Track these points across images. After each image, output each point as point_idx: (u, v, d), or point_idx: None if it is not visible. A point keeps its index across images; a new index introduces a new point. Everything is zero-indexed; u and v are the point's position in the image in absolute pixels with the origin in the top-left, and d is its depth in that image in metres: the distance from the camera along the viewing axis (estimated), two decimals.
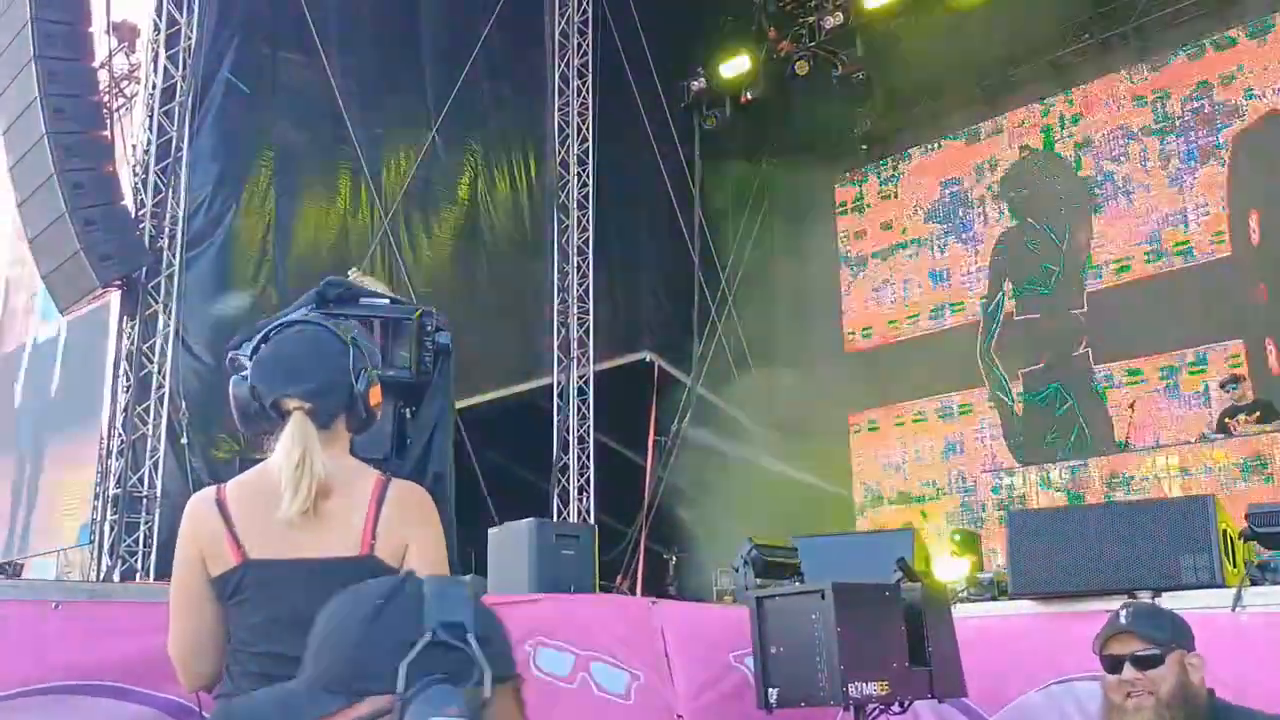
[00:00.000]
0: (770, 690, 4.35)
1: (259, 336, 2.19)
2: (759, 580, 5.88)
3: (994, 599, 5.50)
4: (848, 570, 4.76)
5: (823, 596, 4.37)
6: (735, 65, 12.07)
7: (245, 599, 2.05)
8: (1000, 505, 10.19)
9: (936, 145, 12.18)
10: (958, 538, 10.06)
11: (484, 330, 9.50)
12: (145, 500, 8.12)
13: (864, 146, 12.61)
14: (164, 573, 7.59)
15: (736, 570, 6.40)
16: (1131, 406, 9.42)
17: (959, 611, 4.94)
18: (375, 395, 2.22)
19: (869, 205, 12.72)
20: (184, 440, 8.39)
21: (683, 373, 11.57)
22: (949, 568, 7.14)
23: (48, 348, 11.37)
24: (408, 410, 2.79)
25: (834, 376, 11.85)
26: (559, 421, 10.68)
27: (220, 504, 2.08)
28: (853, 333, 12.57)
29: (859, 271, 12.66)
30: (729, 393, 11.66)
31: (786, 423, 11.78)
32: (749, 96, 12.12)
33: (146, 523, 8.08)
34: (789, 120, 12.26)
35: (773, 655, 4.42)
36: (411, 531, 2.12)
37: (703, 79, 12.25)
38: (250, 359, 2.14)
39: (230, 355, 2.38)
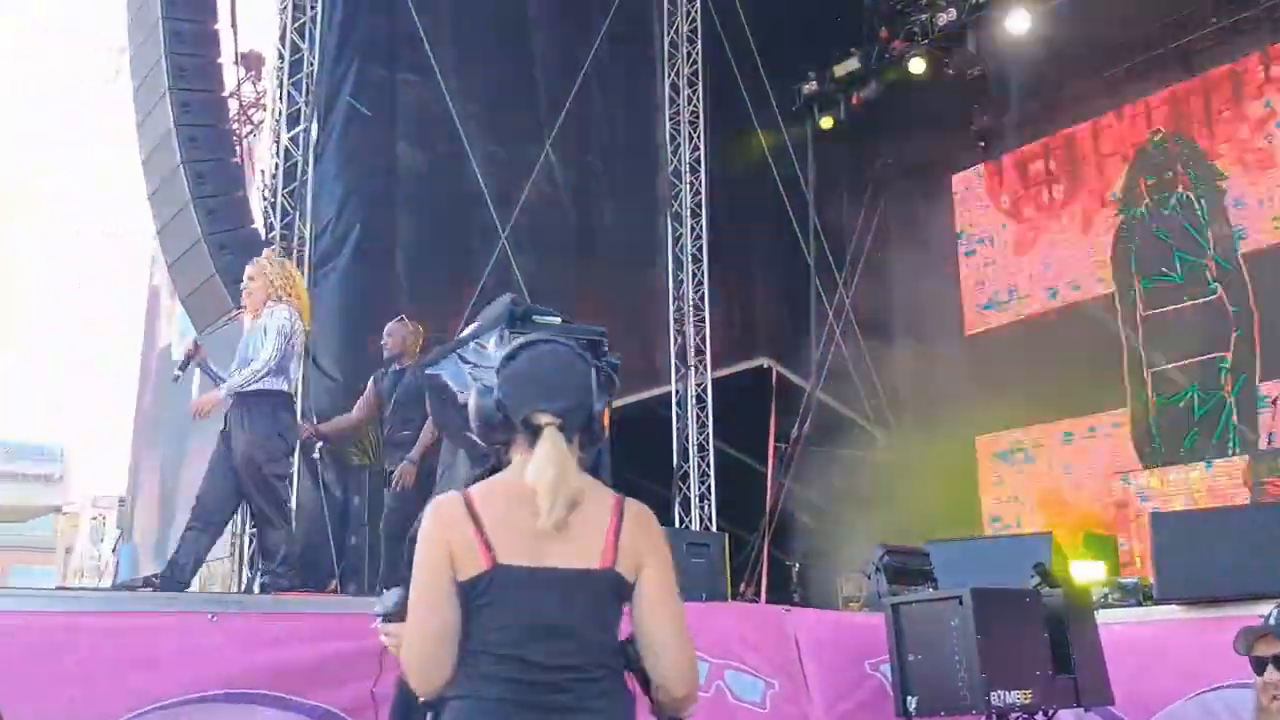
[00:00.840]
0: (909, 698, 4.30)
1: (507, 353, 2.28)
2: (891, 586, 5.82)
3: (1138, 604, 5.35)
4: (983, 575, 4.68)
5: (961, 603, 4.30)
6: (846, 66, 11.97)
7: (492, 603, 2.12)
8: (1136, 507, 9.90)
9: (1056, 137, 11.90)
10: (1090, 541, 9.82)
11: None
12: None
13: (981, 143, 12.37)
14: (303, 584, 7.83)
15: (868, 576, 6.34)
16: (1275, 402, 9.05)
17: (1101, 617, 4.82)
18: (605, 416, 2.35)
19: (988, 202, 12.48)
20: (316, 455, 8.60)
21: (801, 378, 11.49)
22: (1083, 571, 6.95)
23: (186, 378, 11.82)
24: None
25: (956, 377, 11.63)
26: (678, 429, 10.69)
27: (470, 509, 2.15)
28: (975, 332, 12.33)
29: (981, 270, 12.43)
30: (849, 396, 11.53)
31: (908, 425, 11.62)
32: (861, 97, 12.00)
33: None
34: (903, 119, 12.10)
35: (910, 663, 4.37)
36: (648, 550, 2.23)
37: (814, 81, 12.17)
38: (498, 374, 2.25)
39: (427, 371, 2.46)
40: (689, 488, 10.45)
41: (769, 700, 4.38)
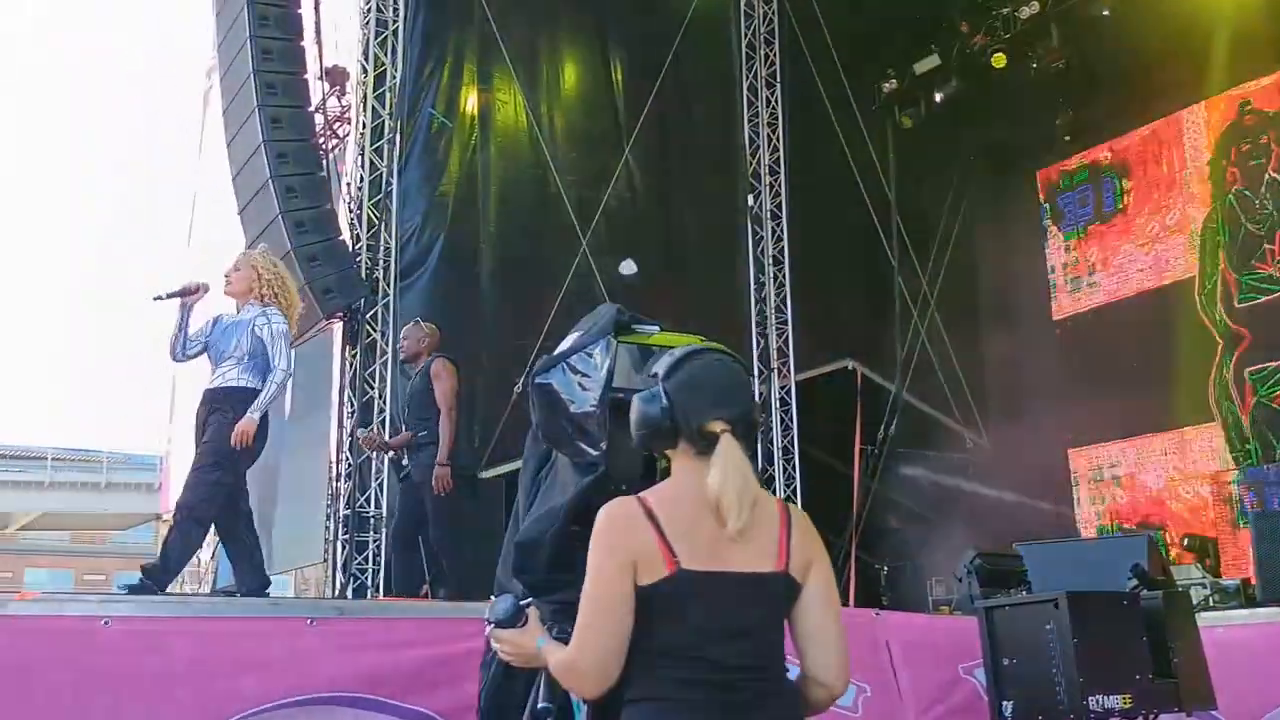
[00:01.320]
0: (1004, 703, 4.24)
1: (672, 361, 2.32)
2: (983, 589, 5.74)
3: (1241, 606, 5.21)
4: (1078, 578, 4.60)
5: (1056, 606, 4.24)
6: (927, 63, 11.83)
7: (674, 607, 2.16)
8: (1235, 507, 9.63)
9: (1143, 128, 11.64)
10: (1187, 542, 9.58)
11: None
12: (372, 520, 8.49)
13: (1067, 137, 12.14)
14: (393, 590, 7.95)
15: (959, 579, 6.26)
16: None
17: (1202, 620, 4.71)
18: None
19: (1076, 197, 12.24)
20: (405, 461, 8.73)
21: (886, 379, 11.38)
22: (1181, 574, 6.79)
23: None
24: None
25: (1047, 375, 11.41)
26: (763, 433, 10.65)
27: (649, 514, 2.19)
28: (1064, 330, 12.08)
29: (1068, 266, 12.19)
30: (935, 397, 11.39)
31: (997, 425, 11.43)
32: (942, 94, 11.86)
33: (375, 541, 8.45)
34: (987, 115, 11.93)
35: (1005, 667, 4.31)
36: (815, 552, 2.31)
37: (894, 79, 12.05)
38: (663, 382, 2.29)
39: (537, 381, 2.50)
40: (774, 492, 10.40)
41: (861, 704, 4.35)
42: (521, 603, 2.34)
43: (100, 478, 30.64)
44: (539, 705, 2.29)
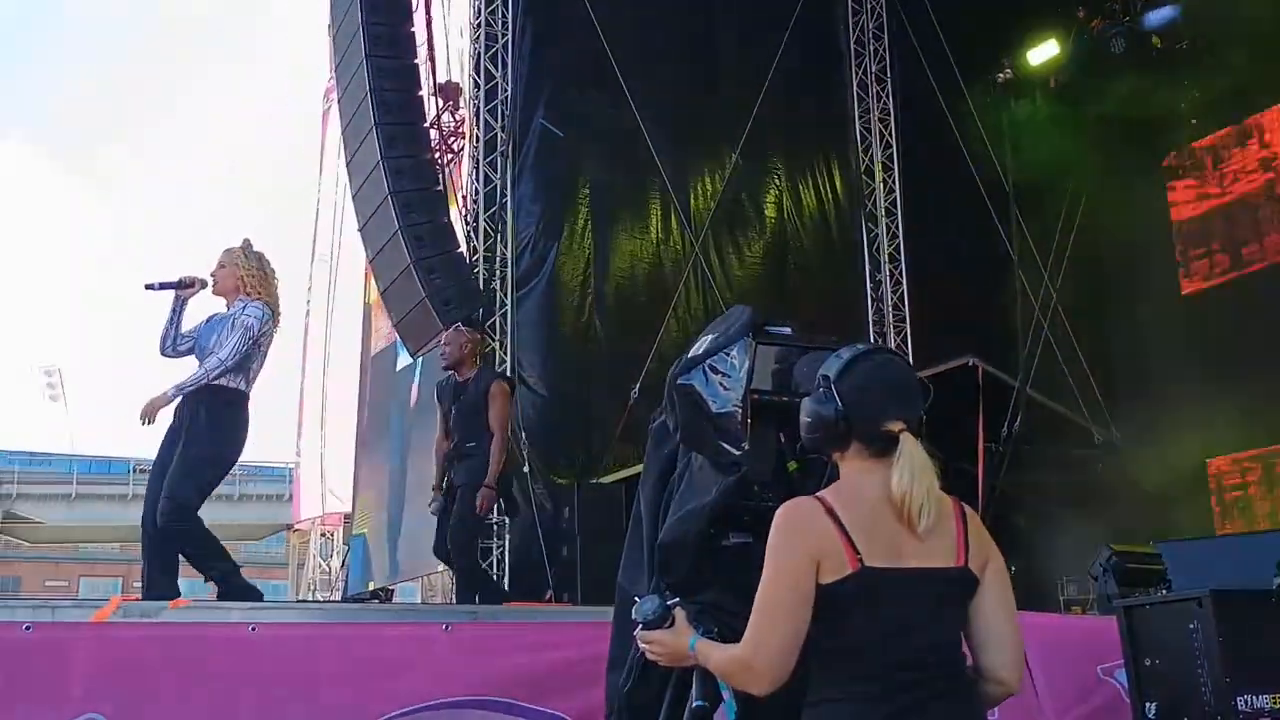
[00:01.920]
0: (1148, 704, 4.13)
1: (843, 363, 2.34)
2: (1119, 589, 5.59)
3: None
4: (1221, 575, 4.46)
5: (1200, 604, 4.11)
6: (1043, 51, 11.55)
7: (858, 604, 2.19)
8: None
9: (1274, 109, 11.19)
10: None
11: None
12: (496, 527, 8.62)
13: (1193, 120, 11.73)
14: (518, 595, 8.07)
15: (1094, 579, 6.10)
16: None
17: None
18: None
19: (1204, 182, 11.82)
20: (526, 468, 8.86)
21: (1009, 375, 11.13)
22: None
23: (405, 373, 12.42)
24: (782, 434, 2.85)
25: (1178, 369, 11.02)
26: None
27: (830, 512, 2.22)
28: (1195, 322, 11.66)
29: (1197, 254, 11.77)
30: (1061, 392, 11.09)
31: (1126, 419, 11.09)
32: (1059, 81, 11.57)
33: (499, 548, 8.58)
34: (1107, 101, 11.57)
35: (1147, 668, 4.20)
36: (989, 550, 2.33)
37: (1009, 69, 11.80)
38: (835, 384, 2.31)
39: (680, 382, 2.54)
40: None
41: (998, 707, 4.27)
42: (668, 603, 2.36)
43: (233, 490, 31.76)
44: (694, 704, 2.31)
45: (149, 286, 5.50)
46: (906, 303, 10.91)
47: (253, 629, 3.63)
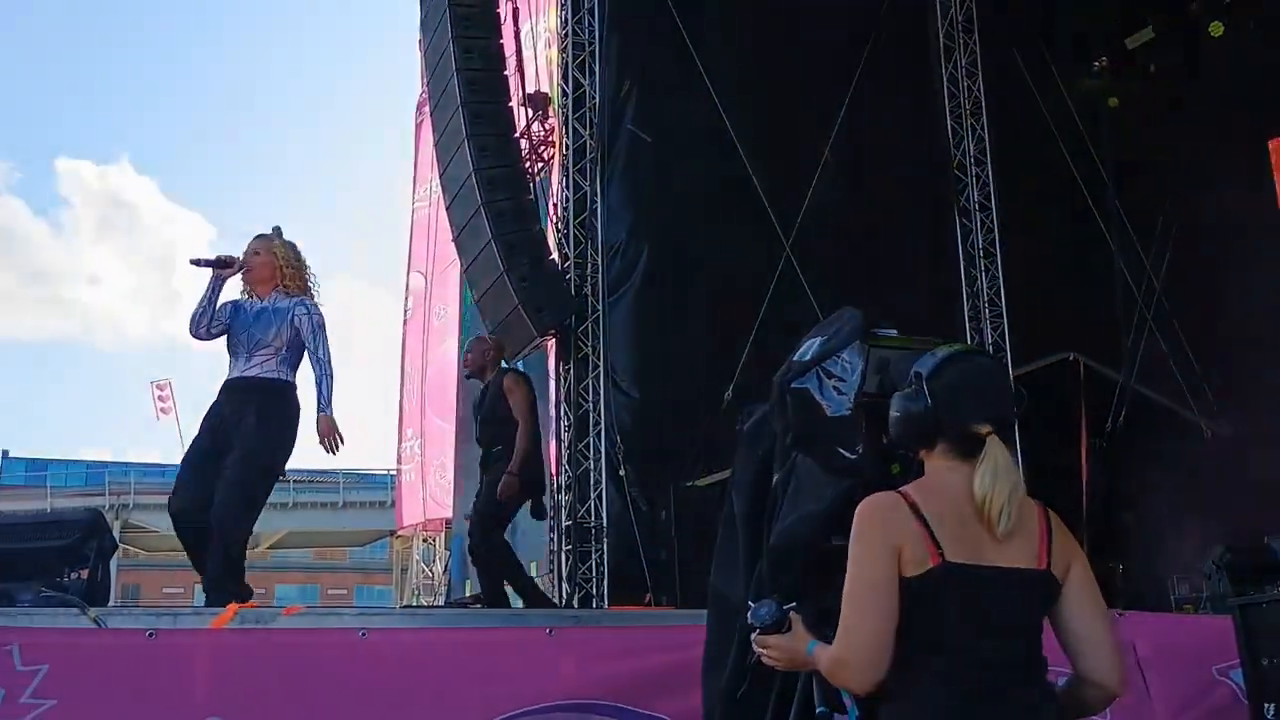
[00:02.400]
0: (1267, 705, 4.01)
1: (937, 361, 2.36)
2: (1234, 587, 5.42)
3: None
4: None
5: None
6: (1139, 37, 11.28)
7: (939, 600, 2.20)
8: None
9: None
10: None
11: None
12: (594, 530, 8.69)
13: None
14: (618, 599, 8.13)
15: (1207, 577, 5.93)
16: None
17: None
18: None
19: None
20: (621, 472, 8.91)
21: (1112, 369, 10.88)
22: None
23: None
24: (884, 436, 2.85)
25: None
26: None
27: (913, 506, 2.24)
28: None
29: None
30: (1166, 386, 10.81)
31: (1234, 413, 10.75)
32: (1158, 68, 11.28)
33: (597, 552, 8.64)
34: (1207, 86, 11.26)
35: (1266, 668, 4.08)
36: (1074, 552, 2.33)
37: (1104, 58, 11.54)
38: (927, 382, 2.33)
39: (793, 386, 2.56)
40: None
41: (1108, 709, 4.19)
42: (785, 607, 2.37)
43: (337, 497, 32.45)
44: (817, 710, 2.32)
45: (194, 262, 5.41)
46: (1003, 298, 10.71)
47: (363, 634, 3.73)
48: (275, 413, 5.22)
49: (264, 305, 5.44)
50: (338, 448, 5.25)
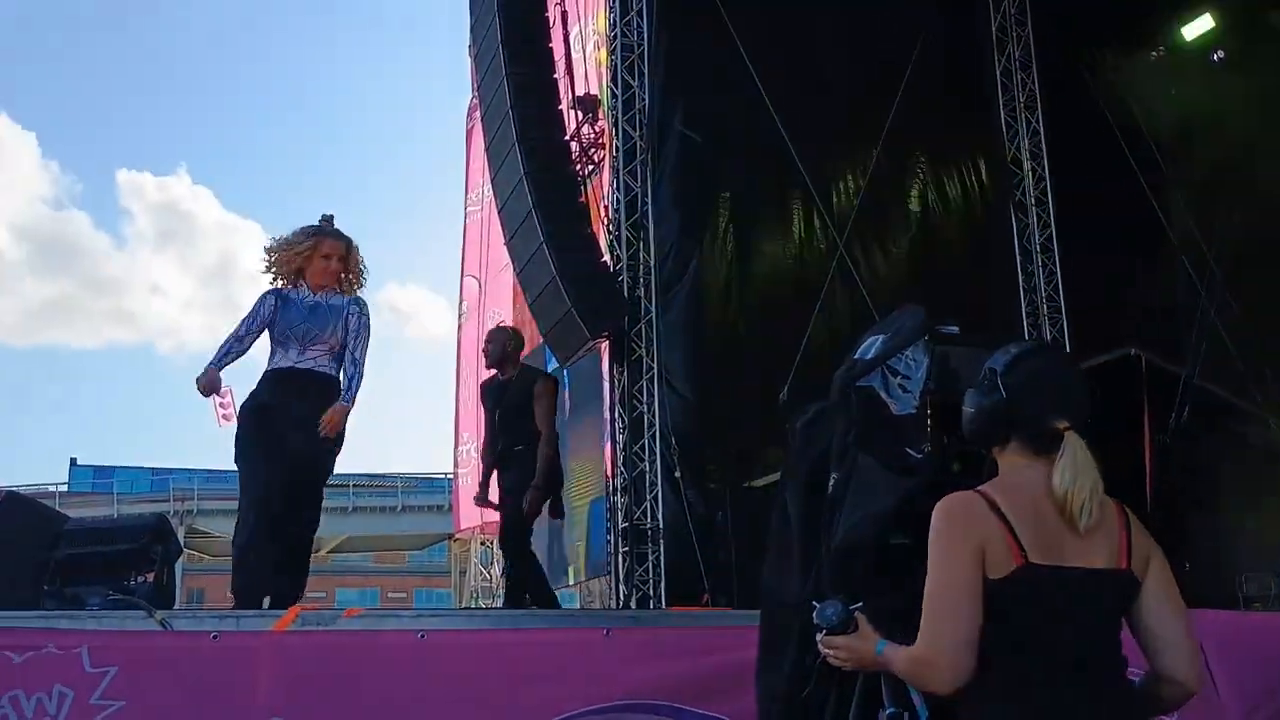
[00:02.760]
0: None
1: (1011, 357, 2.34)
2: None
3: None
4: None
5: None
6: (1196, 26, 11.07)
7: (1023, 602, 2.18)
8: None
9: None
10: None
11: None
12: (650, 532, 8.69)
13: None
14: (675, 600, 8.12)
15: (1277, 574, 5.81)
16: None
17: None
18: None
19: None
20: (677, 474, 8.90)
21: (1174, 364, 10.68)
22: None
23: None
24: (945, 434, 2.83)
25: None
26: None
27: (994, 506, 2.22)
28: None
29: None
30: (1230, 381, 10.59)
31: None
32: (1217, 56, 11.07)
33: (654, 553, 8.64)
34: (1268, 73, 11.01)
35: None
36: (1152, 551, 2.32)
37: (1161, 48, 11.34)
38: (1002, 378, 2.32)
39: (859, 384, 2.56)
40: None
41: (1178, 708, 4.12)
42: (851, 607, 2.35)
43: (396, 501, 32.74)
44: (887, 710, 2.30)
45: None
46: (1061, 293, 10.57)
47: (422, 636, 3.76)
48: (325, 406, 5.16)
49: (317, 300, 5.39)
50: (334, 439, 5.13)
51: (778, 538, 2.92)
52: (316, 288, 5.40)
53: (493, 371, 7.12)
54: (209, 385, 5.09)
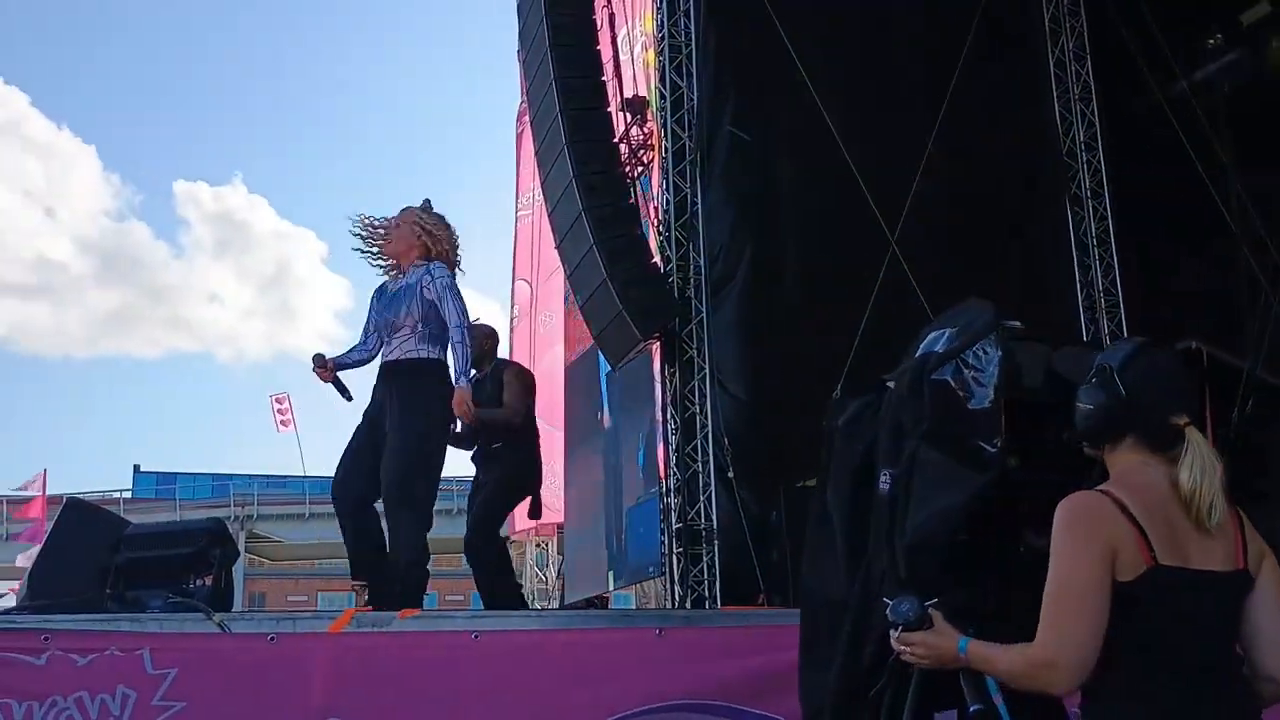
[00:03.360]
0: None
1: (1127, 353, 2.35)
2: None
3: None
4: None
5: None
6: (1257, 12, 10.84)
7: (1151, 604, 2.17)
8: None
9: None
10: None
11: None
12: (704, 533, 8.67)
13: None
14: (730, 601, 8.09)
15: None
16: None
17: None
18: None
19: None
20: (730, 474, 8.87)
21: (1236, 357, 10.47)
22: None
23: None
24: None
25: None
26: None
27: (1122, 506, 2.20)
28: None
29: None
30: None
31: None
32: (1277, 43, 10.83)
33: (708, 554, 8.62)
34: None
35: None
36: (1263, 548, 2.32)
37: (1218, 35, 11.12)
38: (1119, 375, 2.30)
39: (933, 378, 2.54)
40: None
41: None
42: (926, 604, 2.34)
43: (452, 504, 32.94)
44: (971, 708, 2.29)
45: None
46: (1120, 288, 10.41)
47: (475, 636, 3.78)
48: (417, 395, 5.13)
49: (401, 284, 5.36)
50: (470, 426, 5.23)
51: (815, 537, 2.90)
52: (400, 266, 5.41)
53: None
54: (322, 372, 5.20)
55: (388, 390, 5.19)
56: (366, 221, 5.48)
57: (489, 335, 7.01)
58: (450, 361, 5.34)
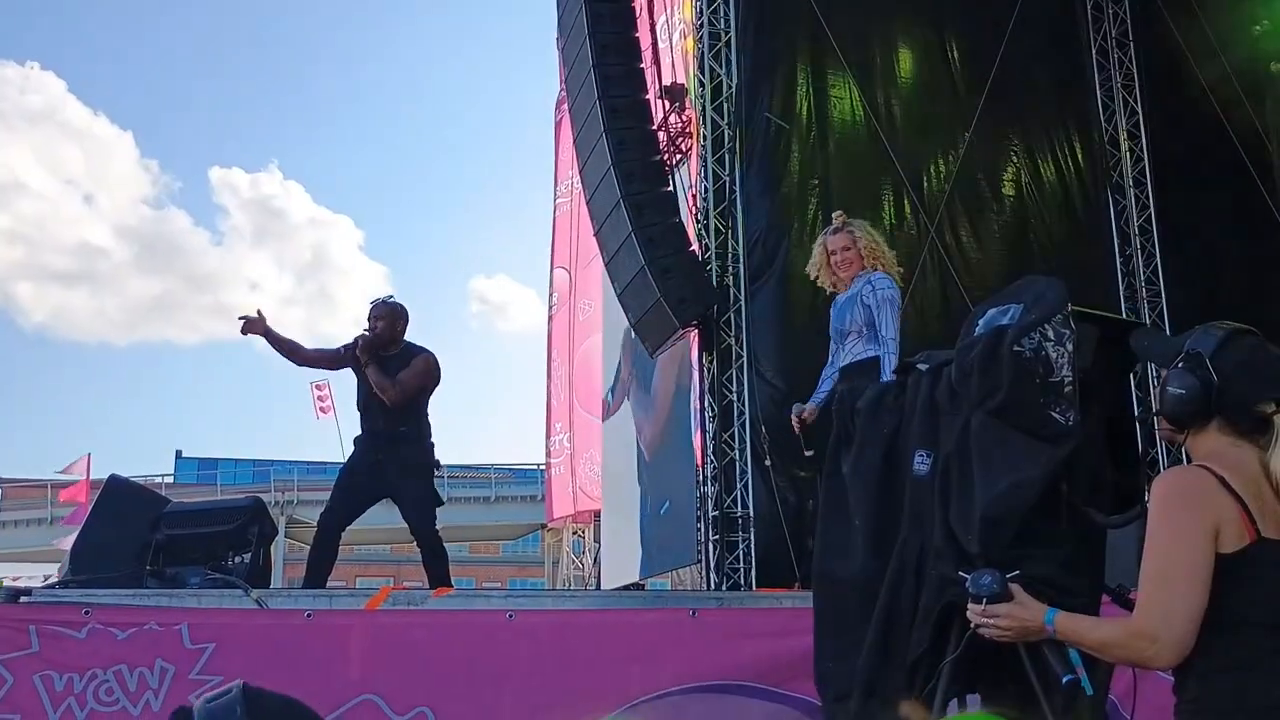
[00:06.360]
0: None
1: (1218, 340, 2.36)
2: None
3: None
4: None
5: None
6: None
7: (1254, 577, 2.21)
8: None
9: None
10: None
11: None
12: (740, 520, 8.67)
13: None
14: (766, 587, 8.09)
15: None
16: None
17: None
18: None
19: None
20: (767, 462, 8.86)
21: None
22: None
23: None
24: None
25: None
26: (1140, 415, 9.96)
27: (1224, 482, 2.24)
28: None
29: None
30: None
31: None
32: None
33: (745, 541, 8.63)
34: None
35: None
36: None
37: (1265, 20, 10.95)
38: (1211, 360, 2.33)
39: (1014, 349, 2.56)
40: (1158, 473, 9.68)
41: None
42: (1008, 576, 2.36)
43: (489, 492, 33.14)
44: (1065, 678, 2.34)
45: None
46: (1161, 278, 10.28)
47: (511, 616, 3.81)
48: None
49: (847, 294, 5.74)
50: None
51: (830, 521, 2.90)
52: (834, 284, 5.81)
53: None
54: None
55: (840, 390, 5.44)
56: None
57: (404, 315, 6.70)
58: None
